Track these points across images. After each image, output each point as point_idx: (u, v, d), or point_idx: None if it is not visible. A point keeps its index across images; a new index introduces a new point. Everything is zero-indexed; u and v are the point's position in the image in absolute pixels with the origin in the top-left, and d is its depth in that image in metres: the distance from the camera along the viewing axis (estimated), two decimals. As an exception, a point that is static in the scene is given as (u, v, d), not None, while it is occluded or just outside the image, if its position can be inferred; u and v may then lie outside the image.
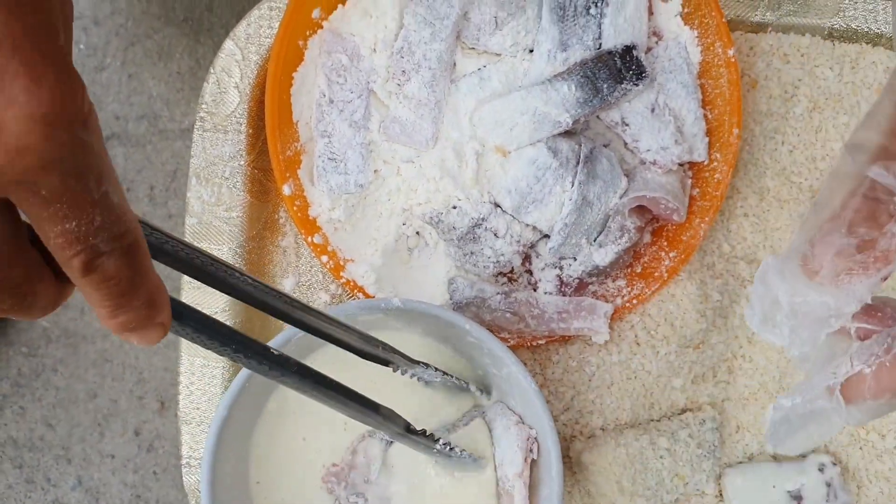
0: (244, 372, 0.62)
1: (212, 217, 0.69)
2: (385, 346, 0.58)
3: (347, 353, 0.57)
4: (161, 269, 0.39)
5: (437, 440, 0.61)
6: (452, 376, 0.65)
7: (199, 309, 0.45)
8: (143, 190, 1.05)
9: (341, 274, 0.69)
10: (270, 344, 0.62)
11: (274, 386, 0.66)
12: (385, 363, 0.59)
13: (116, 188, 0.34)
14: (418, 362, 0.61)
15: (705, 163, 0.70)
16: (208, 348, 0.46)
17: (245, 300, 0.49)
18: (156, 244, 0.42)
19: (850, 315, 0.43)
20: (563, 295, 0.72)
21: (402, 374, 0.61)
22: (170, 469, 1.05)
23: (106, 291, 0.35)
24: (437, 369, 0.63)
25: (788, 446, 0.49)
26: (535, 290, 0.72)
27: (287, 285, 0.72)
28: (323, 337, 0.54)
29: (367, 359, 0.57)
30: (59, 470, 1.06)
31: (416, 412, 0.66)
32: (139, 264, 0.36)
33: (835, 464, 0.71)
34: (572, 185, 0.68)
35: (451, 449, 0.62)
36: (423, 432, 0.60)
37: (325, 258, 0.68)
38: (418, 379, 0.63)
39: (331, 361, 0.65)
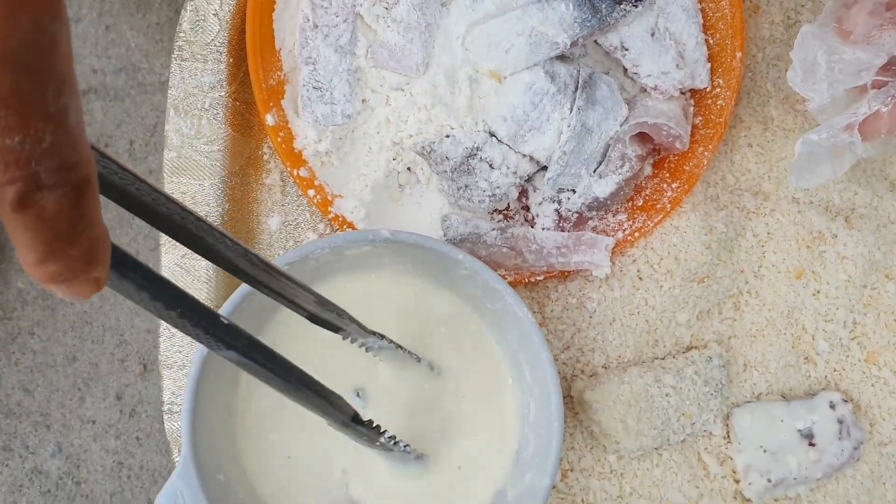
0: (231, 302, 0.59)
1: (191, 151, 0.66)
2: (341, 311, 0.53)
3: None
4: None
5: (383, 432, 0.55)
6: (405, 349, 0.60)
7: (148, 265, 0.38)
8: (122, 145, 1.01)
9: (329, 209, 0.65)
10: (224, 308, 0.58)
11: (266, 321, 0.63)
12: (336, 330, 0.53)
13: (77, 107, 0.28)
14: (373, 332, 0.57)
15: (707, 89, 0.67)
16: (148, 309, 0.39)
17: (201, 251, 0.43)
18: (107, 178, 0.36)
19: (878, 67, 0.52)
20: (562, 231, 0.69)
21: (352, 342, 0.56)
22: (153, 434, 1.01)
23: (39, 234, 0.28)
24: (391, 341, 0.58)
25: (809, 180, 0.58)
26: (532, 227, 0.69)
27: (272, 225, 0.69)
28: (276, 297, 0.48)
29: (318, 324, 0.52)
30: (38, 437, 1.02)
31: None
32: (86, 207, 0.29)
33: (846, 401, 0.68)
34: (571, 112, 0.65)
35: (394, 443, 0.57)
36: (370, 423, 0.53)
37: (311, 192, 0.65)
38: (367, 349, 0.58)
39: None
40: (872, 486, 0.69)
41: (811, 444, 0.67)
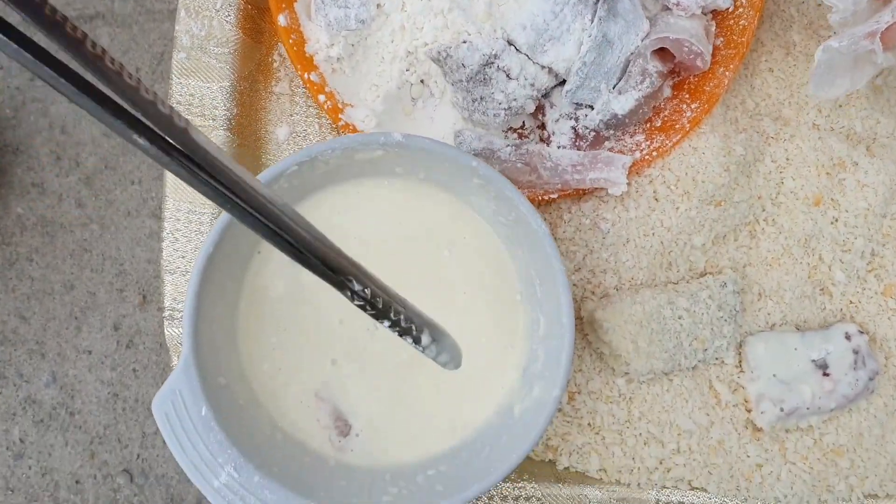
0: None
1: (201, 52, 0.64)
2: (349, 260, 0.47)
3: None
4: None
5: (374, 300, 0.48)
6: (403, 321, 0.51)
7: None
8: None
9: (339, 116, 0.64)
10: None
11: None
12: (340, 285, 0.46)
13: None
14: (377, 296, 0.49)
15: (730, 9, 0.65)
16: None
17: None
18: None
19: None
20: (578, 150, 0.67)
21: (351, 300, 0.48)
22: (150, 366, 0.99)
23: None
24: (396, 310, 0.50)
25: (828, 90, 0.57)
26: (547, 146, 0.67)
27: (280, 135, 0.67)
28: (272, 239, 0.43)
29: (316, 271, 0.45)
30: (33, 365, 1.00)
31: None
32: None
33: (862, 332, 0.67)
34: (591, 22, 0.63)
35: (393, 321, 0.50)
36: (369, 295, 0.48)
37: (322, 98, 0.63)
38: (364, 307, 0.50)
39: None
40: (886, 419, 0.68)
41: (825, 374, 0.66)
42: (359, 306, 0.48)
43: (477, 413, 0.62)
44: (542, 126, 0.68)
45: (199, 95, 0.64)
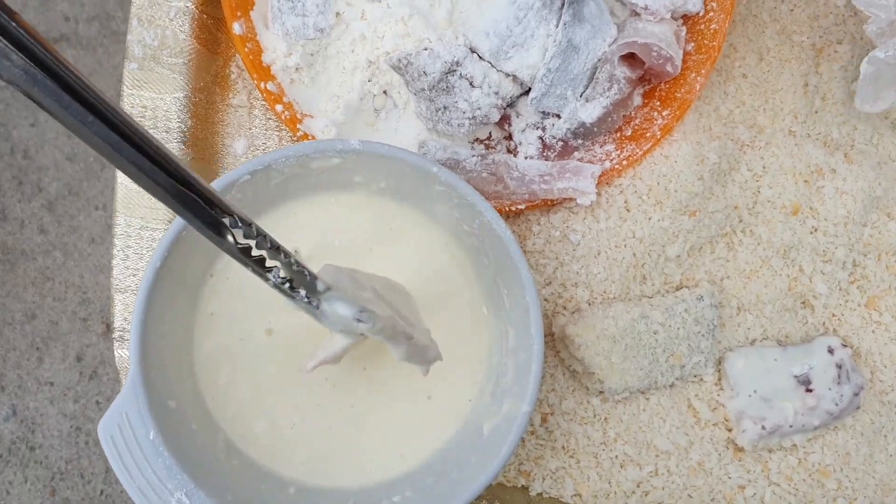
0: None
1: (154, 63, 0.62)
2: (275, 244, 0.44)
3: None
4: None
5: (270, 269, 0.44)
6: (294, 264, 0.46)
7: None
8: (92, 95, 0.96)
9: (298, 127, 0.61)
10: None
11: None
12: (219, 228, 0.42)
13: None
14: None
15: (700, 14, 0.64)
16: None
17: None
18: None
19: None
20: (546, 160, 0.65)
21: (234, 246, 0.42)
22: (115, 398, 0.95)
23: None
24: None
25: (875, 104, 0.56)
26: (514, 157, 0.65)
27: (238, 148, 0.65)
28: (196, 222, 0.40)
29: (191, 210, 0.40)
30: (-9, 398, 0.96)
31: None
32: None
33: (845, 345, 0.64)
34: (556, 27, 0.61)
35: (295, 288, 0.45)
36: (258, 258, 0.43)
37: (279, 108, 0.61)
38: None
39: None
40: (873, 436, 0.65)
41: (808, 391, 0.63)
42: (242, 252, 0.43)
43: (440, 433, 0.59)
44: (510, 137, 0.66)
45: (151, 107, 0.62)
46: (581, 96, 0.63)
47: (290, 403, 0.60)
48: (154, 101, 0.62)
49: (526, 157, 0.65)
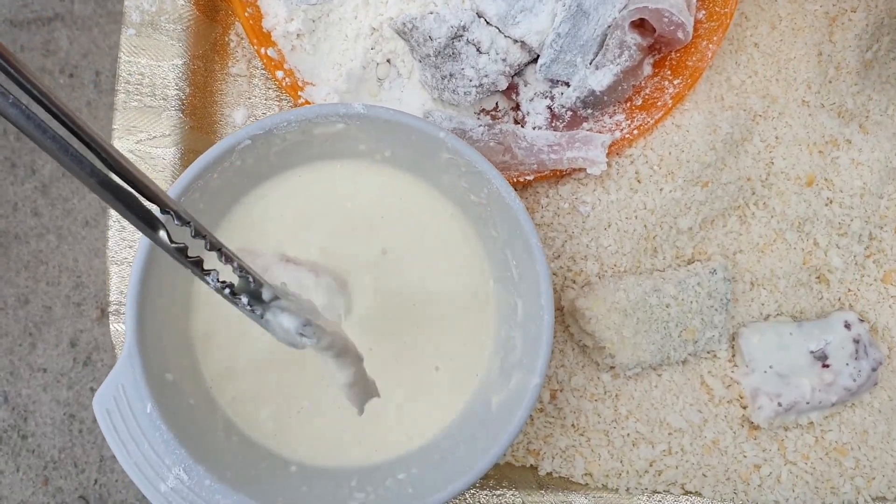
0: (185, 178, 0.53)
1: (151, 29, 0.60)
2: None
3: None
4: None
5: (209, 272, 0.42)
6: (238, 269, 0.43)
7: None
8: (88, 76, 0.94)
9: (299, 94, 0.60)
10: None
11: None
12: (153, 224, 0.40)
13: None
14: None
15: (712, -19, 0.62)
16: None
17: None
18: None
19: None
20: (555, 130, 0.63)
21: (168, 242, 0.40)
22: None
23: None
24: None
25: None
26: (522, 128, 0.63)
27: (237, 118, 0.63)
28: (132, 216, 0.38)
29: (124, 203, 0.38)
30: (-17, 385, 0.94)
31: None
32: None
33: (862, 321, 0.62)
34: (565, -9, 0.60)
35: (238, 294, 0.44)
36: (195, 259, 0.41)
37: (280, 74, 0.59)
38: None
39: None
40: (892, 413, 0.63)
41: (825, 366, 0.61)
42: (178, 251, 0.40)
43: (448, 410, 0.57)
44: (517, 107, 0.64)
45: (149, 74, 0.60)
46: (591, 63, 0.61)
47: (294, 385, 0.58)
48: (152, 69, 0.60)
49: (534, 128, 0.63)
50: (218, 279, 0.42)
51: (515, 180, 0.61)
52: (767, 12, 0.64)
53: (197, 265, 0.41)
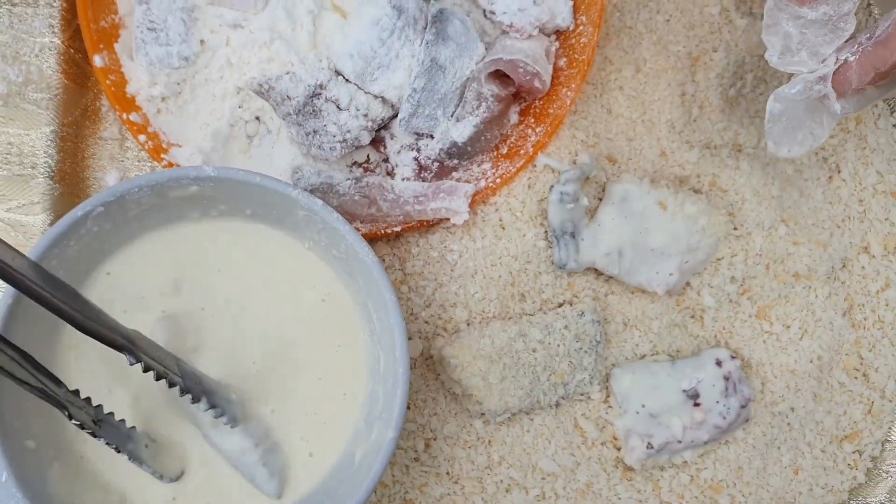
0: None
1: (19, 99, 0.62)
2: (125, 332, 0.49)
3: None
4: None
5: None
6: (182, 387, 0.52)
7: None
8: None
9: (162, 157, 0.61)
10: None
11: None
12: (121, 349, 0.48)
13: None
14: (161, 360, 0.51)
15: (571, 29, 0.63)
16: None
17: None
18: None
19: (852, 13, 0.49)
20: (424, 181, 0.64)
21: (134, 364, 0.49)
22: None
23: None
24: (174, 374, 0.52)
25: (789, 147, 0.53)
26: (392, 179, 0.64)
27: (109, 181, 0.64)
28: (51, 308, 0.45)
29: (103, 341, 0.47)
30: None
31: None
32: None
33: (734, 357, 0.63)
34: (420, 47, 0.61)
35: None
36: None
37: (143, 137, 0.60)
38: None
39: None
40: (765, 449, 0.63)
41: (696, 405, 0.61)
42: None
43: (320, 467, 0.58)
44: (388, 159, 0.65)
45: (17, 143, 0.62)
46: (452, 116, 0.62)
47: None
48: (20, 138, 0.61)
49: (403, 179, 0.64)
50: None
51: (383, 231, 0.62)
52: (631, 55, 0.66)
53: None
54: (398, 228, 0.62)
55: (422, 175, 0.64)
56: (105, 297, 0.58)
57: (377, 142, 0.64)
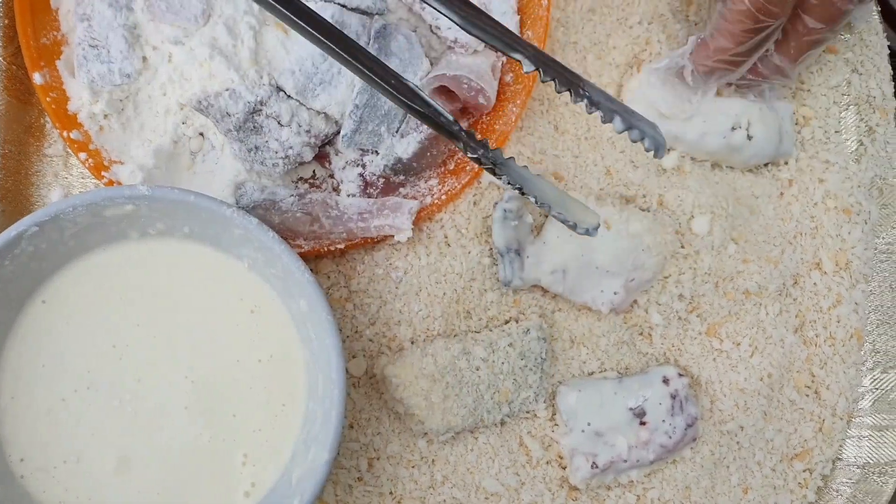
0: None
1: (-42, 116, 0.61)
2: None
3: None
4: None
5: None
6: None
7: None
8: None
9: (103, 174, 0.60)
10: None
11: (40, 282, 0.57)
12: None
13: None
14: None
15: (518, 44, 0.63)
16: None
17: None
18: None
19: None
20: (370, 197, 0.64)
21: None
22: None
23: None
24: None
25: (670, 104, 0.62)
26: (338, 195, 0.64)
27: (53, 198, 0.64)
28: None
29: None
30: None
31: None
32: None
33: (682, 375, 0.62)
34: (361, 63, 0.60)
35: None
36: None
37: (83, 155, 0.60)
38: None
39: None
40: (714, 468, 0.62)
41: (642, 423, 0.61)
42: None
43: (259, 489, 0.57)
44: (333, 174, 0.65)
45: (-43, 161, 0.61)
46: (397, 132, 0.62)
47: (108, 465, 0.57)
48: (-44, 156, 0.61)
49: (348, 195, 0.64)
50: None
51: (327, 249, 0.62)
52: (576, 69, 0.65)
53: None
54: (342, 246, 0.62)
55: (368, 191, 0.64)
56: (43, 320, 0.57)
57: (322, 157, 0.64)
